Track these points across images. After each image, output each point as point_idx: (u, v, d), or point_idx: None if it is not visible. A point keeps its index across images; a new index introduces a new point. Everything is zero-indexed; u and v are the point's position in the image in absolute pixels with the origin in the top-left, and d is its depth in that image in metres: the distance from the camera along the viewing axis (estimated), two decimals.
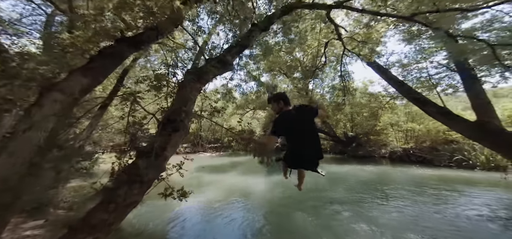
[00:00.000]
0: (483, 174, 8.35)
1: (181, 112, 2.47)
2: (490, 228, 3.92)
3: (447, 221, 4.23)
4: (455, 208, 5.03)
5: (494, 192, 6.27)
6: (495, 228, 3.93)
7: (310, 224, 4.36)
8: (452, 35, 4.33)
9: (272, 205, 5.72)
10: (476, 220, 4.29)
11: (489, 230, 3.88)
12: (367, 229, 3.96)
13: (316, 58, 7.04)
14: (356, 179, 8.42)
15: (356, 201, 5.70)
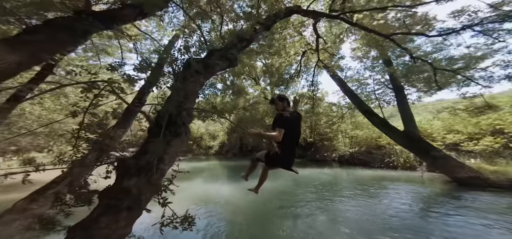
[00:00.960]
0: (403, 173, 10.51)
1: (182, 110, 1.74)
2: (410, 215, 4.82)
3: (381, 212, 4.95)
4: (387, 201, 5.94)
5: (413, 186, 7.80)
6: (414, 215, 4.87)
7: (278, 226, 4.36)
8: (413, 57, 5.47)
9: (238, 209, 5.51)
10: (401, 209, 5.17)
11: (410, 216, 4.76)
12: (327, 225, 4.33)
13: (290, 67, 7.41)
14: (317, 180, 9.23)
15: (317, 199, 6.16)
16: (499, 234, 3.63)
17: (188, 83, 1.89)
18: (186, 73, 1.96)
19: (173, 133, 1.65)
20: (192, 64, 2.00)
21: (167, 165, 1.68)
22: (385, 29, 4.61)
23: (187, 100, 1.82)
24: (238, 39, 2.63)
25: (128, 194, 1.34)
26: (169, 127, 1.64)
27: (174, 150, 1.72)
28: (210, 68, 2.23)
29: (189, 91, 1.88)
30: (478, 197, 5.75)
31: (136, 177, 1.44)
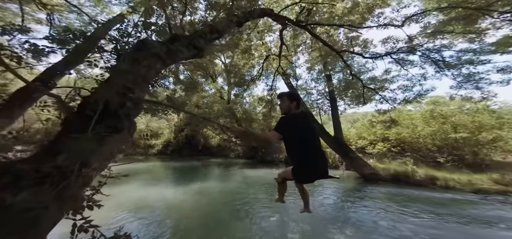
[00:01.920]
0: (331, 171, 13.36)
1: (126, 98, 1.25)
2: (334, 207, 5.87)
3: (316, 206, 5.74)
4: (320, 197, 6.91)
5: (336, 183, 9.53)
6: (336, 206, 5.94)
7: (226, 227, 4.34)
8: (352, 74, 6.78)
9: (184, 213, 5.11)
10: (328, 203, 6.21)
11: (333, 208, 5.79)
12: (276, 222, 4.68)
13: (252, 69, 7.59)
14: (266, 181, 9.77)
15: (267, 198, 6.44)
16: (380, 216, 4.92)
17: (140, 68, 1.41)
18: (139, 54, 1.45)
19: (110, 128, 1.16)
20: (151, 44, 1.53)
21: (97, 169, 1.16)
22: (336, 46, 5.65)
23: (136, 87, 1.35)
24: (210, 29, 2.31)
25: (16, 216, 0.80)
26: (104, 119, 1.13)
27: (110, 149, 1.21)
28: (171, 54, 1.76)
29: (140, 77, 1.40)
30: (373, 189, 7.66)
31: (35, 189, 0.90)
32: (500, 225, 4.32)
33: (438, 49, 6.63)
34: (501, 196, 6.48)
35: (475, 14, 5.10)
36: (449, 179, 7.93)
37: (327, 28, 5.88)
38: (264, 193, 7.29)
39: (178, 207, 5.60)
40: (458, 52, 6.61)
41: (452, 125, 10.59)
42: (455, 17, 5.44)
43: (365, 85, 7.45)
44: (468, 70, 6.58)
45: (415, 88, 7.89)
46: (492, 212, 5.20)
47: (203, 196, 6.67)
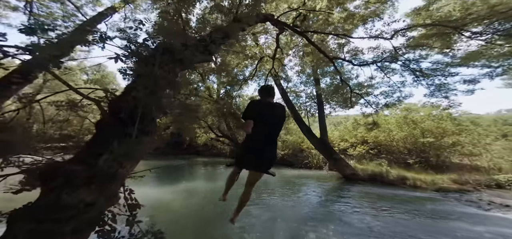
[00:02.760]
0: (316, 172, 13.85)
1: (154, 103, 1.30)
2: (317, 204, 6.40)
3: (301, 204, 6.27)
4: (304, 195, 7.49)
5: (320, 182, 10.12)
6: (319, 204, 6.47)
7: (214, 226, 4.48)
8: (342, 79, 7.31)
9: (177, 214, 5.13)
10: (312, 201, 6.76)
11: (317, 205, 6.31)
12: (268, 218, 4.95)
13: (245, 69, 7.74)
14: None
15: (254, 197, 6.82)
16: (356, 213, 5.47)
17: (162, 72, 1.47)
18: (163, 59, 1.50)
19: (141, 131, 1.22)
20: (175, 50, 1.59)
21: (128, 171, 1.22)
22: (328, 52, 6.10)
23: (161, 91, 1.41)
24: (222, 34, 2.38)
25: (72, 213, 0.87)
26: (142, 123, 1.20)
27: (141, 151, 1.28)
28: (187, 59, 1.82)
29: (164, 81, 1.46)
30: (353, 188, 8.36)
31: (84, 188, 0.96)
32: (454, 219, 5.10)
33: (416, 59, 7.51)
34: (457, 194, 7.62)
35: (451, 32, 5.91)
36: (417, 179, 9.03)
37: (322, 35, 6.31)
38: (252, 192, 7.50)
39: (166, 207, 5.49)
40: (433, 63, 7.58)
41: (421, 130, 11.99)
42: (435, 33, 6.23)
43: (353, 90, 8.13)
44: (440, 80, 7.57)
45: (395, 94, 8.85)
46: (449, 207, 6.10)
47: (191, 197, 6.63)
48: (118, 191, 1.12)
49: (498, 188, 8.18)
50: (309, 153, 15.38)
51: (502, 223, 4.92)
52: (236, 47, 6.02)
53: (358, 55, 7.71)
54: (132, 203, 1.27)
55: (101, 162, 1.05)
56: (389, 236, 4.09)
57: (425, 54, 7.40)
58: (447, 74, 7.31)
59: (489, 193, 7.48)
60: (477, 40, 5.74)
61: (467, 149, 10.97)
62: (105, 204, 1.03)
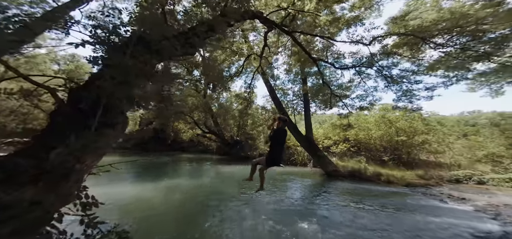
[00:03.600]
0: (301, 169, 14.35)
1: (123, 93, 1.18)
2: (301, 200, 6.57)
3: (285, 200, 6.41)
4: (289, 191, 7.64)
5: (304, 179, 10.55)
6: (303, 200, 6.68)
7: (198, 220, 4.50)
8: (324, 81, 7.52)
9: (158, 211, 4.96)
10: (297, 197, 6.94)
11: (301, 201, 6.46)
12: (251, 214, 5.03)
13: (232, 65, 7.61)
14: (240, 176, 10.08)
15: (240, 193, 6.73)
16: (335, 207, 5.81)
17: (137, 63, 1.34)
18: (137, 49, 1.36)
19: (105, 124, 1.11)
20: (151, 41, 1.46)
21: (90, 166, 1.10)
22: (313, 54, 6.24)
23: (134, 81, 1.28)
24: (207, 28, 2.26)
25: (12, 213, 0.75)
26: (101, 114, 1.08)
27: (104, 145, 1.16)
28: (165, 50, 1.68)
29: (138, 72, 1.34)
30: (334, 184, 8.84)
31: (30, 186, 0.84)
32: (418, 212, 5.61)
33: (389, 66, 8.09)
34: (423, 188, 8.39)
35: (420, 42, 6.42)
36: (390, 175, 9.75)
37: (309, 36, 6.43)
38: (237, 188, 7.50)
39: (145, 205, 5.28)
40: (402, 71, 8.23)
41: (395, 129, 12.93)
42: (405, 42, 6.72)
43: (333, 91, 8.47)
44: (407, 87, 8.27)
45: (369, 98, 9.46)
46: (415, 201, 6.69)
47: (173, 194, 6.41)
48: (74, 189, 1.01)
49: (457, 183, 9.17)
50: (295, 151, 15.73)
51: (457, 214, 5.53)
52: (224, 42, 5.86)
53: (340, 58, 8.03)
54: (86, 202, 1.16)
55: (53, 156, 0.95)
56: (359, 229, 4.37)
57: (396, 62, 8.00)
58: (413, 81, 8.01)
59: (450, 188, 8.36)
60: (439, 51, 6.33)
61: (433, 147, 12.10)
62: (56, 203, 0.92)
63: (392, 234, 4.17)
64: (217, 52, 7.49)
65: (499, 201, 6.38)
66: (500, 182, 8.52)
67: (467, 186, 8.66)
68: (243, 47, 7.55)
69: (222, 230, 4.14)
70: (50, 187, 0.92)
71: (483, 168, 10.31)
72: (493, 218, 5.16)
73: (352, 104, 9.62)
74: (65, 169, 0.97)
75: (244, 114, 10.51)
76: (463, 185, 8.88)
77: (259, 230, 4.19)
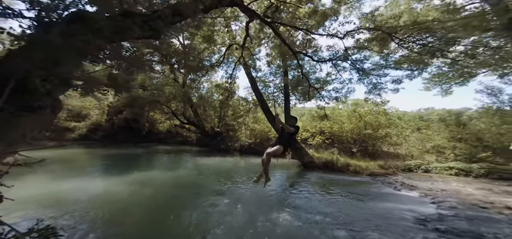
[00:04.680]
0: (280, 160, 14.54)
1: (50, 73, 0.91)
2: (280, 191, 6.82)
3: (265, 192, 6.37)
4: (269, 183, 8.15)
5: (283, 170, 10.74)
6: (282, 190, 6.95)
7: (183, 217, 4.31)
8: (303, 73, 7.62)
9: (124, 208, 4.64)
10: (275, 188, 7.11)
11: (280, 192, 6.71)
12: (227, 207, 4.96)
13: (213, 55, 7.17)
14: (220, 168, 9.88)
15: (218, 185, 6.73)
16: (308, 197, 6.15)
17: (74, 41, 1.06)
18: (73, 27, 1.07)
19: (23, 105, 0.85)
20: (91, 19, 1.17)
21: (2, 155, 0.84)
22: (294, 46, 6.23)
23: (66, 62, 1.02)
24: (172, 12, 1.95)
25: None
26: (17, 95, 0.82)
27: (21, 131, 0.90)
28: (121, 32, 1.38)
29: (73, 51, 1.06)
30: (308, 174, 9.35)
31: None
32: (375, 199, 6.26)
33: (361, 60, 8.60)
34: (382, 177, 9.39)
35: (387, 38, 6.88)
36: (357, 166, 10.67)
37: (289, 28, 6.37)
38: (216, 181, 7.37)
39: (108, 200, 4.87)
40: (373, 64, 8.84)
41: (364, 123, 14.09)
42: (375, 37, 7.16)
43: (311, 84, 8.72)
44: (376, 80, 8.96)
45: (344, 90, 10.02)
46: (374, 189, 7.46)
47: (145, 187, 5.96)
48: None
49: (409, 171, 10.51)
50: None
51: (406, 200, 6.35)
52: (202, 30, 5.42)
53: (318, 52, 8.24)
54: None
55: None
56: (326, 216, 4.71)
57: (368, 56, 8.56)
58: (382, 74, 8.72)
59: (403, 176, 9.54)
60: (401, 47, 6.94)
61: (393, 140, 13.56)
62: None
63: (352, 219, 4.61)
64: (196, 40, 6.96)
65: (438, 187, 7.50)
66: (441, 170, 10.02)
67: (417, 175, 9.99)
68: (225, 36, 7.15)
69: (195, 222, 4.02)
70: None
71: (429, 158, 11.97)
72: (432, 202, 6.03)
73: (329, 96, 10.10)
74: None
75: (225, 105, 10.19)
76: (413, 174, 10.21)
77: (234, 220, 4.18)
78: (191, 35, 5.77)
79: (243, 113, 15.11)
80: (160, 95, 13.35)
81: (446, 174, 9.73)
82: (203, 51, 8.39)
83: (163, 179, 7.10)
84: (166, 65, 10.15)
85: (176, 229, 3.75)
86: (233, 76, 8.80)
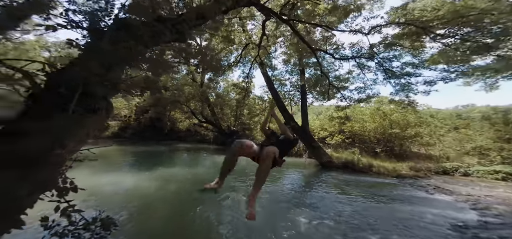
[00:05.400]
0: (296, 159, 14.26)
1: (104, 78, 1.11)
2: (296, 191, 6.69)
3: (280, 190, 6.52)
4: (285, 182, 7.73)
5: (299, 169, 10.48)
6: (297, 190, 6.81)
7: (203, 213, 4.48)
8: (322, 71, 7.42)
9: (153, 201, 5.00)
10: (291, 187, 7.07)
11: (295, 192, 6.58)
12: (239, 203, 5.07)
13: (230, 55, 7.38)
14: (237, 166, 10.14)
15: (235, 183, 6.84)
16: (327, 197, 5.96)
17: (119, 48, 1.26)
18: (119, 34, 1.27)
19: (87, 109, 1.05)
20: (134, 26, 1.37)
21: (70, 152, 1.06)
22: (312, 44, 6.08)
23: (115, 68, 1.22)
24: (196, 15, 2.12)
25: None
26: (81, 99, 1.02)
27: (86, 131, 1.11)
28: (155, 36, 1.58)
29: (120, 57, 1.27)
30: (327, 174, 9.00)
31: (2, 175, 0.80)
32: (402, 201, 5.80)
33: (389, 59, 7.95)
34: (412, 179, 8.65)
35: (420, 32, 6.24)
36: (381, 167, 9.99)
37: (309, 26, 6.22)
38: (233, 179, 7.57)
39: (141, 193, 5.32)
40: (402, 64, 8.09)
41: (389, 122, 13.10)
42: (406, 33, 6.54)
43: (331, 83, 8.39)
44: (405, 80, 8.20)
45: (367, 90, 9.39)
46: (402, 192, 6.89)
47: (169, 183, 6.43)
48: (54, 174, 0.97)
49: (444, 174, 9.47)
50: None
51: (440, 204, 5.75)
52: (221, 31, 5.63)
53: (339, 49, 7.87)
54: (62, 187, 1.13)
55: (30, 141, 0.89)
56: (347, 218, 4.52)
57: (398, 54, 7.85)
58: (413, 74, 7.93)
59: (437, 179, 8.64)
60: (439, 42, 6.21)
61: (425, 140, 12.35)
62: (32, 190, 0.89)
63: (377, 222, 4.33)
64: (215, 41, 7.24)
65: (481, 193, 6.65)
66: (485, 174, 8.84)
67: (454, 178, 8.96)
68: (242, 36, 7.30)
69: (214, 217, 4.22)
70: (22, 174, 0.87)
71: (470, 160, 10.63)
72: (472, 209, 5.37)
73: (351, 96, 9.60)
74: (41, 154, 0.92)
75: (241, 104, 10.41)
76: (449, 177, 9.18)
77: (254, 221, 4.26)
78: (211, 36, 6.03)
79: (259, 112, 15.22)
80: (180, 95, 14.17)
81: (491, 179, 8.56)
82: (220, 51, 8.68)
83: (184, 176, 7.57)
84: (190, 66, 10.71)
85: (198, 224, 3.97)
86: (249, 75, 8.93)
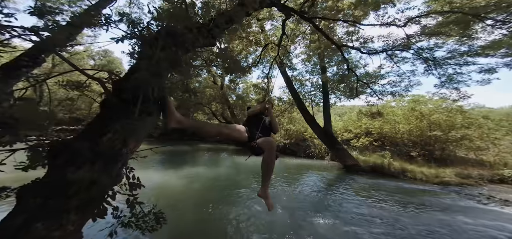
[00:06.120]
0: (318, 162, 13.70)
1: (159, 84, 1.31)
2: (317, 194, 6.36)
3: (300, 193, 6.33)
4: (305, 184, 7.47)
5: (321, 172, 10.09)
6: (318, 194, 6.46)
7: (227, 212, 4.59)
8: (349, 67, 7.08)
9: (181, 199, 5.28)
10: (312, 190, 6.74)
11: (316, 195, 6.28)
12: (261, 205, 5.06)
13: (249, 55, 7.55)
14: (255, 167, 10.26)
15: (256, 183, 6.92)
16: (353, 202, 5.60)
17: (168, 55, 1.45)
18: (167, 41, 1.47)
19: (144, 111, 1.25)
20: (180, 33, 1.56)
21: (132, 151, 1.26)
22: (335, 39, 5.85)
23: (164, 73, 1.41)
24: (226, 19, 2.28)
25: (76, 190, 0.92)
26: (145, 103, 1.22)
27: (144, 132, 1.31)
28: (189, 43, 1.78)
29: (169, 64, 1.46)
30: (352, 178, 8.46)
31: (89, 167, 1.00)
32: (451, 211, 5.09)
33: (430, 48, 7.02)
34: (458, 187, 7.58)
35: (472, 20, 5.46)
36: (417, 172, 8.97)
37: (329, 22, 6.00)
38: (253, 180, 7.67)
39: (169, 191, 5.73)
40: (448, 52, 7.07)
41: (428, 123, 11.70)
42: (453, 20, 5.76)
43: (359, 79, 7.88)
44: (454, 70, 7.12)
45: (403, 83, 8.48)
46: (447, 201, 6.08)
47: (193, 182, 6.84)
48: (121, 170, 1.16)
49: (501, 183, 8.08)
50: (311, 143, 15.39)
51: (495, 216, 4.91)
52: (240, 32, 5.82)
53: (367, 43, 7.35)
54: (133, 183, 1.32)
55: (105, 140, 1.08)
56: (377, 225, 4.18)
57: (441, 43, 6.93)
58: (463, 63, 6.87)
59: (491, 188, 7.41)
60: (498, 28, 5.31)
61: (475, 144, 10.69)
62: (108, 183, 1.07)
63: (412, 231, 3.92)
64: (234, 43, 7.49)
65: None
66: None
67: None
68: (260, 36, 7.40)
69: (237, 216, 4.35)
70: (103, 168, 1.05)
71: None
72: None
73: (382, 90, 8.79)
74: (114, 152, 1.10)
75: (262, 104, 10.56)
76: (508, 186, 7.81)
77: (275, 222, 4.30)
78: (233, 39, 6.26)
79: (279, 113, 15.13)
80: (202, 97, 14.96)
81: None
82: (240, 52, 8.91)
83: (207, 176, 7.96)
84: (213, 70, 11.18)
85: (221, 223, 4.11)
86: (269, 76, 8.98)
